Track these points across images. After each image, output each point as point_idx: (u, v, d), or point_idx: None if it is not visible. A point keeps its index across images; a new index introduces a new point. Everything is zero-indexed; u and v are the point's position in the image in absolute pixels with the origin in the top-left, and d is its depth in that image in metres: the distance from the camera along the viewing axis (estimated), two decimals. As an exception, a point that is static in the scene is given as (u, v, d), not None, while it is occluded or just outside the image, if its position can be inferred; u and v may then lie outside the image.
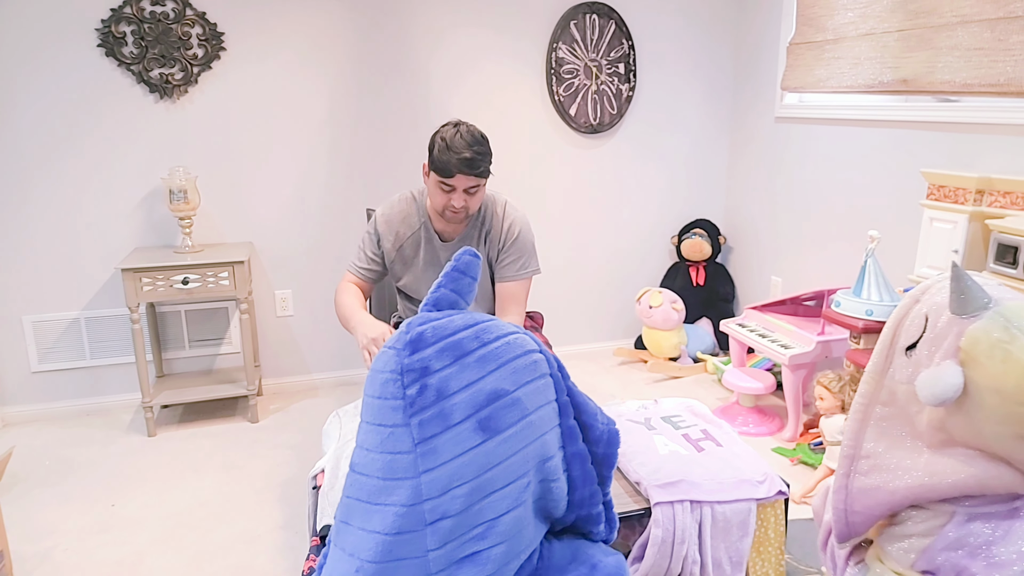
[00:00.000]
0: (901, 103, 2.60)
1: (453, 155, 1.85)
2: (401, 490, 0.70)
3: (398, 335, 0.79)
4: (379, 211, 2.10)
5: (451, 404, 0.71)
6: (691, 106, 3.61)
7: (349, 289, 2.07)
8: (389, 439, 0.72)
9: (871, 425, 0.99)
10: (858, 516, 0.98)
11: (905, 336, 0.98)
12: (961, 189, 2.11)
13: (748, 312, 3.05)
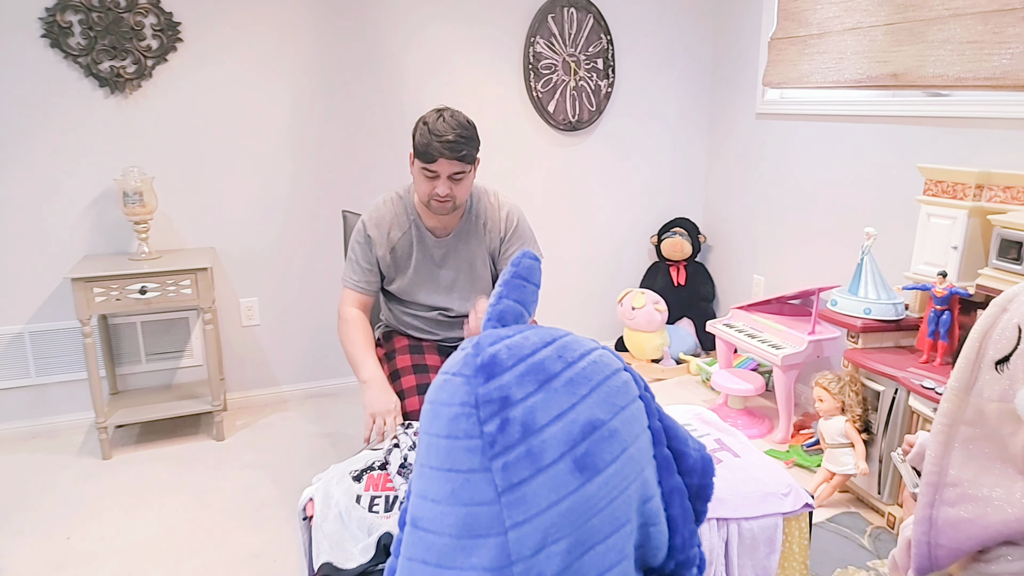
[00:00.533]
0: (888, 98, 2.57)
1: (435, 139, 1.74)
2: (483, 550, 0.57)
3: (464, 359, 0.64)
4: (365, 216, 1.97)
5: (541, 440, 0.58)
6: (670, 103, 3.54)
7: (355, 320, 1.94)
8: (464, 487, 0.58)
9: (956, 448, 0.89)
10: (943, 550, 0.88)
11: (994, 349, 0.88)
12: (960, 184, 2.07)
13: (734, 312, 2.99)
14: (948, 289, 2.06)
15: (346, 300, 1.98)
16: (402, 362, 2.00)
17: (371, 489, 1.45)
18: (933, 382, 1.96)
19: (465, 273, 2.02)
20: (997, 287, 1.95)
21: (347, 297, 1.98)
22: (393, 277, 2.00)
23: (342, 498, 1.41)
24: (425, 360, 1.98)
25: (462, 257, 2.01)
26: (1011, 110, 2.09)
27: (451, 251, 2.00)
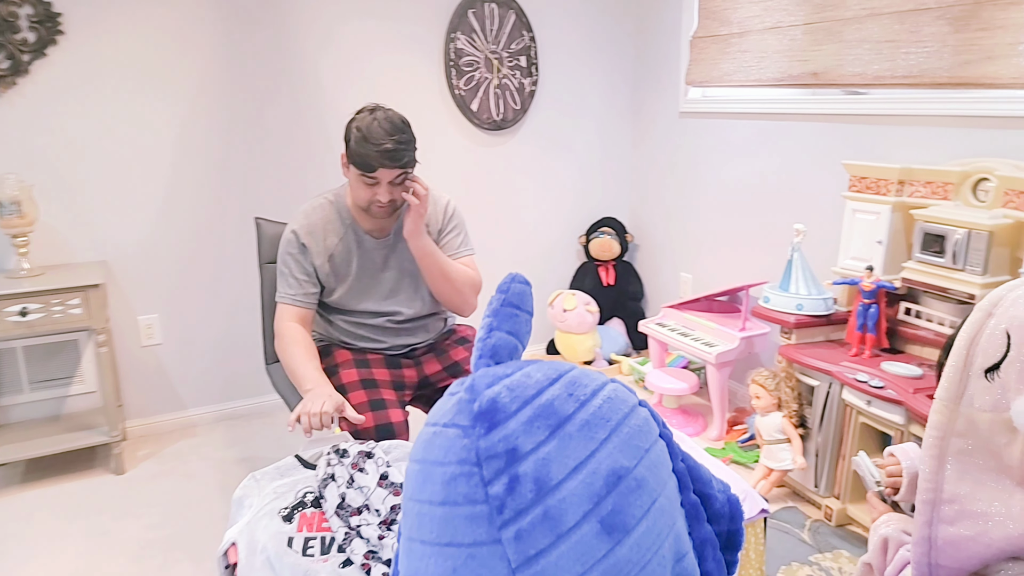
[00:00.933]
0: (810, 96, 2.61)
1: (372, 147, 1.64)
2: None
3: (457, 406, 0.52)
4: (295, 225, 1.81)
5: (559, 499, 0.47)
6: (594, 102, 3.51)
7: (294, 335, 1.78)
8: (468, 565, 0.46)
9: (949, 462, 0.84)
10: (944, 570, 0.83)
11: (983, 357, 0.83)
12: (883, 180, 2.12)
13: (665, 311, 2.98)
14: (875, 283, 2.10)
15: (283, 316, 1.81)
16: (347, 376, 1.84)
17: (304, 529, 1.30)
18: (866, 375, 1.98)
19: (409, 274, 1.90)
20: (921, 280, 2.00)
21: (284, 313, 1.82)
22: (333, 287, 1.85)
23: (270, 543, 1.25)
24: (373, 374, 1.83)
25: (405, 257, 1.89)
26: (928, 107, 2.16)
27: (392, 252, 1.88)
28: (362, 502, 1.36)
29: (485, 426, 0.49)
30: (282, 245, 1.82)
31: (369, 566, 1.19)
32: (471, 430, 0.50)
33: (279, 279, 1.83)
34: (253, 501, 1.37)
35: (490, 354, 0.57)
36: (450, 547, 0.48)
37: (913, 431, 1.87)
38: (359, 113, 1.71)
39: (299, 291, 1.81)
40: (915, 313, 2.15)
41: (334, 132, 2.91)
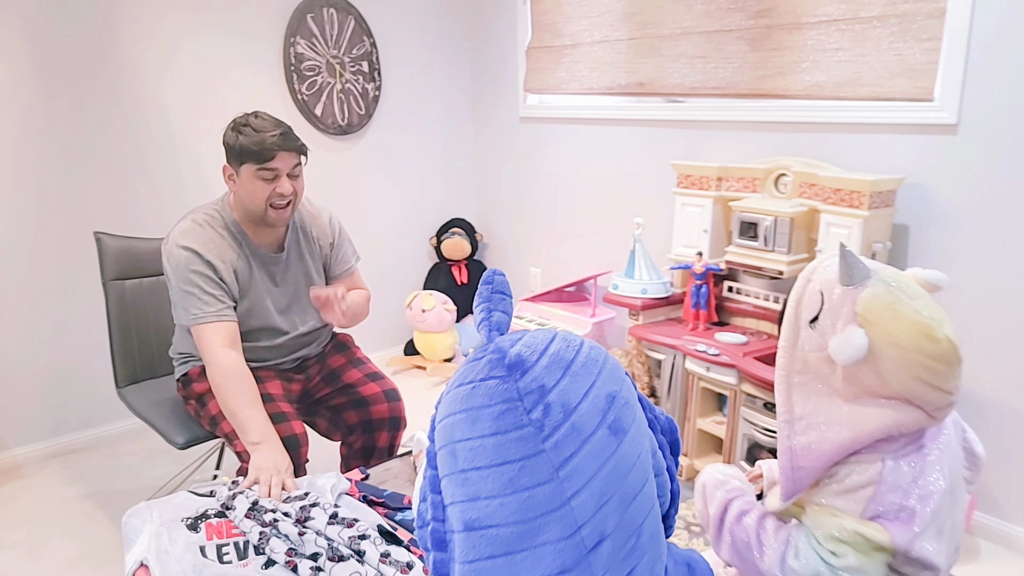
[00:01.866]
0: (636, 103, 2.93)
1: (266, 135, 1.63)
2: (551, 525, 0.61)
3: (489, 364, 0.66)
4: (188, 242, 1.68)
5: (579, 416, 0.64)
6: (437, 107, 3.61)
7: (233, 369, 1.64)
8: (521, 474, 0.62)
9: (795, 391, 1.09)
10: (803, 472, 1.06)
11: (807, 312, 1.09)
12: (705, 177, 2.45)
13: (521, 304, 3.17)
14: (705, 266, 2.42)
15: (211, 341, 1.65)
16: (215, 407, 1.77)
17: (214, 537, 1.27)
18: (703, 345, 2.29)
19: (302, 290, 1.87)
20: (740, 261, 2.34)
21: (209, 336, 1.65)
22: (238, 304, 1.76)
23: (185, 555, 1.21)
24: (267, 388, 1.75)
25: (299, 272, 1.86)
26: (736, 114, 2.53)
27: (287, 268, 1.84)
28: (272, 507, 1.35)
29: (518, 373, 0.65)
30: (179, 265, 1.67)
31: (294, 563, 1.20)
32: (508, 378, 0.65)
33: (184, 301, 1.68)
34: (152, 516, 1.31)
35: (496, 328, 0.72)
36: (505, 465, 0.62)
37: (744, 389, 2.19)
38: (234, 121, 1.68)
39: (218, 307, 1.68)
40: (736, 290, 2.52)
41: (163, 139, 2.74)
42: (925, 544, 1.00)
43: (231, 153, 1.67)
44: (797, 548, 1.07)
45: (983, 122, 1.94)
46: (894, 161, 2.14)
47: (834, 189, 2.08)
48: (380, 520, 1.35)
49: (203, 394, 1.81)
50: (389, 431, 1.88)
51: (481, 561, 0.62)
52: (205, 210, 1.76)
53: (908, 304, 0.99)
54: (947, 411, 1.03)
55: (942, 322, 1.00)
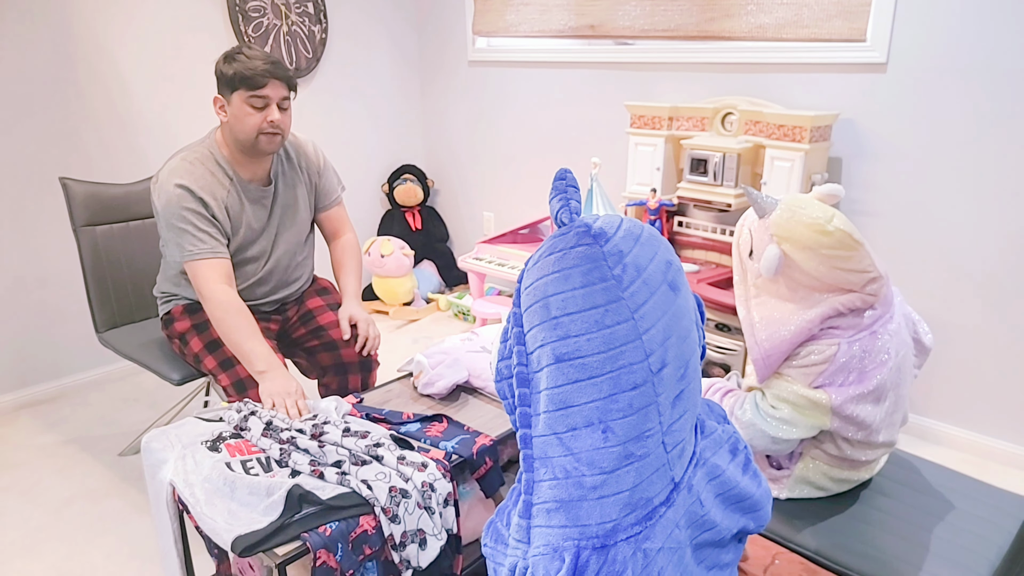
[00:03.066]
0: (587, 46, 3.02)
1: (258, 63, 1.66)
2: (628, 353, 0.76)
3: (576, 236, 0.80)
4: (180, 180, 1.70)
5: (648, 274, 0.80)
6: (384, 51, 3.60)
7: (231, 304, 1.68)
8: (607, 315, 0.77)
9: (752, 305, 1.36)
10: (771, 359, 1.27)
11: (744, 248, 1.38)
12: (657, 117, 2.59)
13: (480, 246, 3.27)
14: (659, 202, 2.58)
15: (206, 277, 1.69)
16: (196, 345, 1.83)
17: (236, 455, 1.36)
18: (661, 274, 2.47)
19: (289, 219, 1.91)
20: (691, 196, 2.51)
21: (204, 273, 1.69)
22: (230, 239, 1.80)
23: (213, 472, 1.30)
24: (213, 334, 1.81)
25: (288, 203, 1.89)
26: (685, 56, 2.66)
27: (276, 199, 1.87)
28: (286, 426, 1.45)
29: (603, 240, 0.80)
30: (172, 202, 1.68)
31: (319, 471, 1.31)
32: (595, 244, 0.79)
33: (179, 238, 1.70)
34: (172, 441, 1.39)
35: (576, 212, 0.86)
36: (592, 309, 0.78)
37: (697, 312, 2.40)
38: (225, 53, 1.70)
39: (212, 243, 1.71)
40: (685, 224, 2.70)
41: (111, 83, 2.67)
42: (864, 406, 1.24)
43: (222, 81, 1.69)
44: (744, 404, 1.34)
45: (910, 61, 2.15)
46: (829, 98, 2.34)
47: (777, 125, 2.26)
48: (383, 431, 1.47)
49: (184, 332, 1.85)
50: (361, 373, 1.94)
51: (568, 385, 0.78)
52: (194, 149, 1.78)
53: (802, 213, 1.27)
54: (875, 287, 1.27)
55: (832, 218, 1.26)
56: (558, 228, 0.84)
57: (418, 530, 1.30)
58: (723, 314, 2.33)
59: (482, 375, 1.69)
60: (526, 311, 0.82)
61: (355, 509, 1.24)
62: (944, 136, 2.12)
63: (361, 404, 1.63)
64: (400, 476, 1.31)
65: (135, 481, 2.14)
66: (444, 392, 1.66)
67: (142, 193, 2.20)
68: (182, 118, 2.89)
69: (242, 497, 1.26)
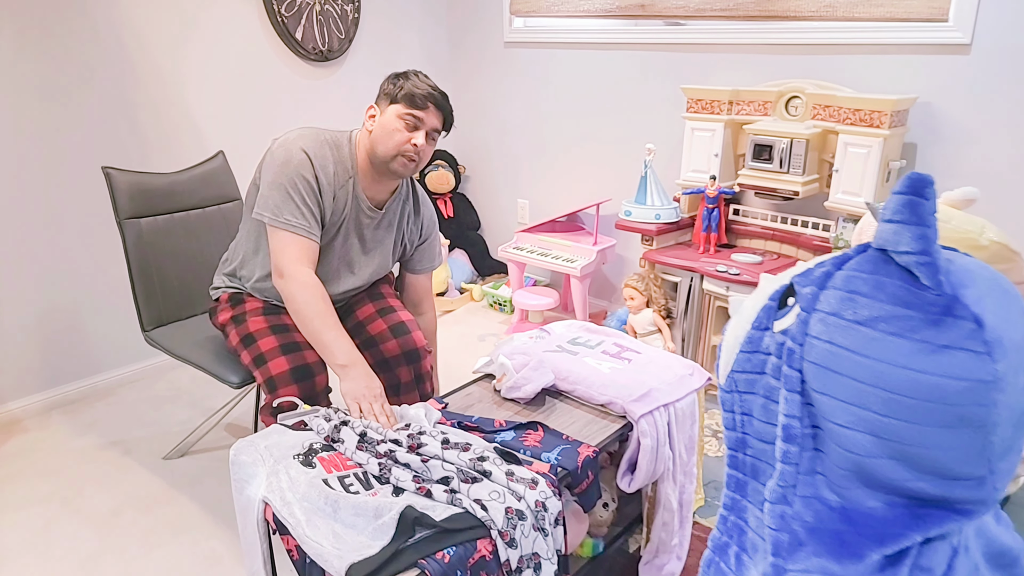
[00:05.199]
0: (633, 26, 2.90)
1: (426, 87, 1.60)
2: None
3: (962, 331, 0.61)
4: (305, 146, 1.59)
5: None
6: (416, 31, 3.46)
7: (314, 287, 1.57)
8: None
9: None
10: None
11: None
12: (716, 101, 2.48)
13: (519, 235, 3.17)
14: (717, 190, 2.48)
15: (291, 255, 1.56)
16: (255, 324, 1.72)
17: (332, 471, 1.27)
18: (724, 266, 2.38)
19: (379, 253, 1.81)
20: (754, 184, 2.41)
21: (291, 249, 1.56)
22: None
23: (311, 491, 1.20)
24: (285, 320, 1.70)
25: (384, 235, 1.80)
26: (741, 36, 2.55)
27: (379, 226, 1.77)
28: (381, 438, 1.35)
29: (997, 354, 0.61)
30: (291, 162, 1.57)
31: (426, 488, 1.21)
32: (988, 359, 0.61)
33: (282, 201, 1.56)
34: (263, 454, 1.29)
35: (940, 267, 0.65)
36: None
37: (763, 306, 2.31)
38: (398, 73, 1.65)
39: (310, 223, 1.59)
40: (741, 213, 2.61)
41: (144, 70, 2.53)
42: None
43: (384, 93, 1.64)
44: None
45: (995, 42, 2.05)
46: (905, 82, 2.23)
47: (853, 110, 2.15)
48: (485, 443, 1.38)
49: (225, 324, 1.76)
50: (407, 364, 1.82)
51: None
52: (331, 133, 1.68)
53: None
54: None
55: (983, 229, 1.12)
56: (903, 283, 0.64)
57: (533, 554, 1.21)
58: (792, 307, 2.24)
59: (568, 377, 1.60)
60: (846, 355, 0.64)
61: (471, 532, 1.15)
62: (1032, 122, 2.03)
63: (447, 410, 1.54)
64: (513, 495, 1.22)
65: (185, 487, 2.04)
66: (530, 396, 1.57)
67: (187, 183, 2.08)
68: (216, 102, 2.75)
69: (346, 518, 1.16)
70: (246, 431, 2.34)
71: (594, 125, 3.13)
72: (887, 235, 0.65)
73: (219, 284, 1.83)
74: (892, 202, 0.66)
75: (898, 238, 0.64)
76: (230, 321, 1.75)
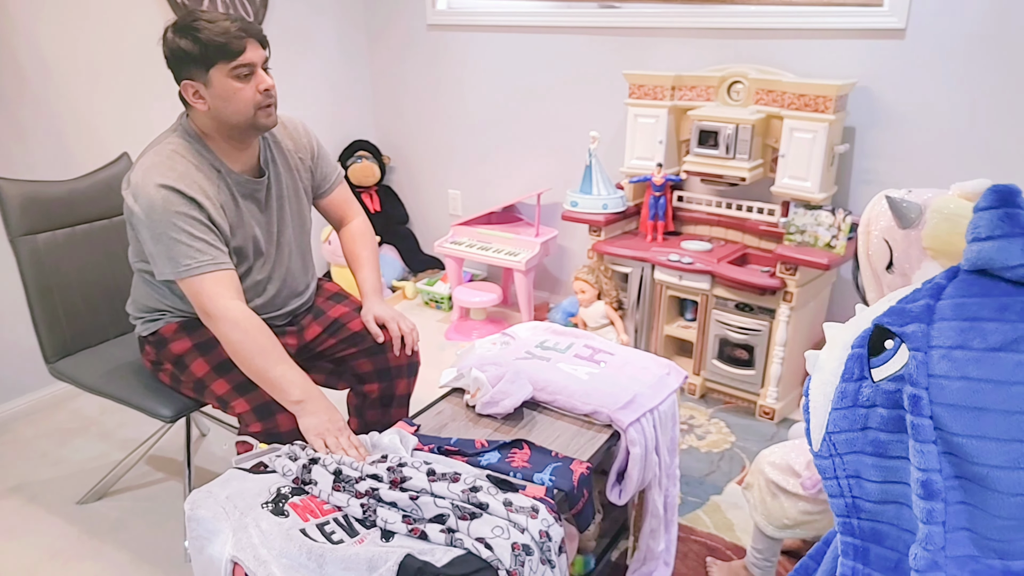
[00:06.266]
0: (568, 9, 2.80)
1: (227, 23, 1.37)
2: None
3: None
4: (164, 179, 1.38)
5: None
6: (329, 15, 3.22)
7: (250, 322, 1.40)
8: None
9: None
10: None
11: (879, 261, 1.20)
12: (659, 87, 2.43)
13: (456, 229, 3.03)
14: (664, 177, 2.44)
15: (215, 294, 1.38)
16: (200, 368, 1.53)
17: (309, 518, 1.12)
18: (676, 255, 2.34)
19: (290, 213, 1.62)
20: (700, 170, 2.39)
21: (211, 289, 1.38)
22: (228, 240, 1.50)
23: (288, 545, 1.05)
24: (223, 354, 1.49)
25: (285, 194, 1.61)
26: (675, 20, 2.51)
27: (271, 192, 1.58)
28: (359, 475, 1.21)
29: None
30: (156, 207, 1.36)
31: (419, 529, 1.08)
32: None
33: (169, 251, 1.38)
34: (226, 506, 1.11)
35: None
36: None
37: (716, 293, 2.29)
38: (174, 27, 1.39)
39: (213, 253, 1.41)
40: (686, 199, 2.58)
41: (26, 63, 2.20)
42: None
43: (189, 61, 1.37)
44: None
45: (929, 27, 2.09)
46: (842, 66, 2.26)
47: (797, 95, 2.15)
48: (474, 470, 1.26)
49: (183, 355, 1.55)
50: (407, 377, 1.75)
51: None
52: (167, 141, 1.45)
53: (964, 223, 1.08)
54: None
55: None
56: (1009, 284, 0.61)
57: (542, 587, 1.11)
58: (744, 293, 2.24)
59: (547, 387, 1.50)
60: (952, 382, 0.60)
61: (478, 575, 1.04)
62: (965, 106, 2.09)
63: (420, 433, 1.41)
64: (516, 527, 1.11)
65: (108, 535, 1.80)
66: (509, 411, 1.46)
67: (88, 191, 1.82)
68: (113, 99, 2.44)
69: (335, 572, 1.02)
70: (174, 464, 2.10)
71: (529, 112, 3.02)
72: (990, 253, 0.61)
73: (152, 308, 1.59)
74: (984, 219, 0.62)
75: (1006, 255, 0.60)
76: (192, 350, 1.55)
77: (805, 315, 2.26)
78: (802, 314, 2.23)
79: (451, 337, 2.91)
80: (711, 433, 2.23)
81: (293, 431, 1.40)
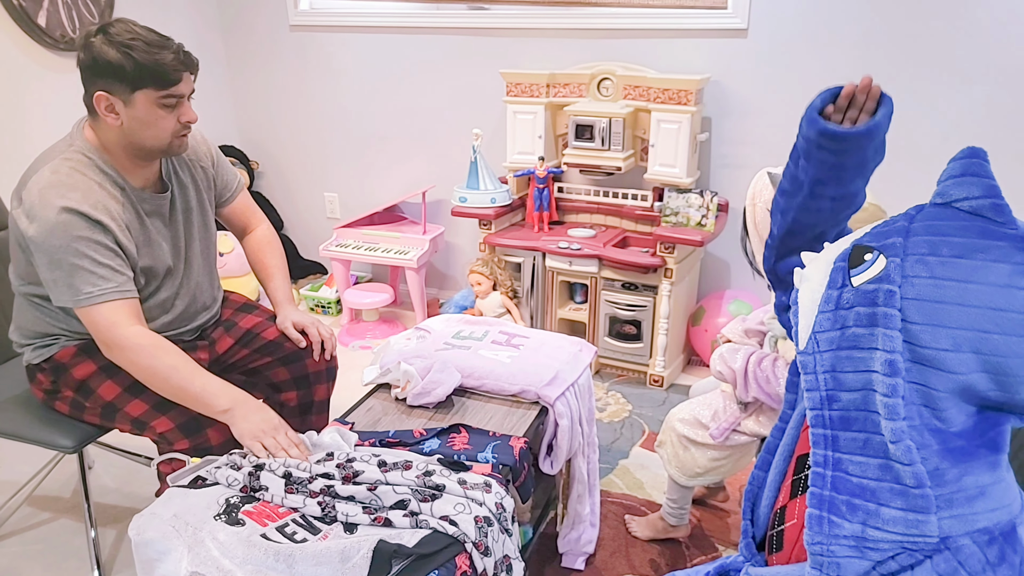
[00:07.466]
0: (432, 10, 2.85)
1: (165, 53, 1.31)
2: None
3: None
4: (64, 200, 1.28)
5: None
6: (180, 11, 3.05)
7: (156, 343, 1.34)
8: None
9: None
10: None
11: (765, 229, 1.34)
12: (535, 84, 2.55)
13: (339, 232, 2.99)
14: (547, 170, 2.58)
15: (116, 322, 1.31)
16: (109, 392, 1.44)
17: (267, 523, 1.11)
18: (565, 243, 2.48)
19: (195, 227, 1.56)
20: (579, 162, 2.54)
21: (111, 318, 1.31)
22: (137, 258, 1.42)
23: (252, 552, 1.04)
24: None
25: (189, 207, 1.54)
26: (548, 21, 2.65)
27: (176, 206, 1.51)
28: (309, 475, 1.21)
29: None
30: (57, 232, 1.27)
31: (382, 517, 1.11)
32: None
33: (69, 278, 1.30)
34: (175, 524, 1.08)
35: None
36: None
37: (604, 275, 2.46)
38: (104, 34, 1.29)
39: (118, 280, 1.33)
40: (565, 190, 2.74)
41: None
42: None
43: (113, 75, 1.29)
44: None
45: (768, 27, 2.38)
46: (696, 63, 2.50)
47: (662, 89, 2.36)
48: (424, 456, 1.30)
49: (86, 379, 1.45)
50: (326, 382, 1.74)
51: None
52: (64, 155, 1.35)
53: None
54: None
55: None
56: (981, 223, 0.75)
57: (504, 557, 1.18)
58: (629, 273, 2.42)
59: (474, 373, 1.57)
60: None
61: (447, 551, 1.08)
62: (800, 94, 2.40)
63: (356, 429, 1.42)
64: (475, 503, 1.17)
65: (-1, 585, 1.64)
66: (441, 399, 1.51)
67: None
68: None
69: (307, 570, 1.03)
70: (61, 502, 1.93)
71: (406, 112, 3.05)
72: (951, 190, 0.77)
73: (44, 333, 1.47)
74: (950, 166, 0.79)
75: (962, 190, 0.77)
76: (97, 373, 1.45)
77: (683, 289, 2.49)
78: (680, 288, 2.45)
79: (344, 341, 2.88)
80: (611, 405, 2.40)
81: (225, 443, 1.37)
